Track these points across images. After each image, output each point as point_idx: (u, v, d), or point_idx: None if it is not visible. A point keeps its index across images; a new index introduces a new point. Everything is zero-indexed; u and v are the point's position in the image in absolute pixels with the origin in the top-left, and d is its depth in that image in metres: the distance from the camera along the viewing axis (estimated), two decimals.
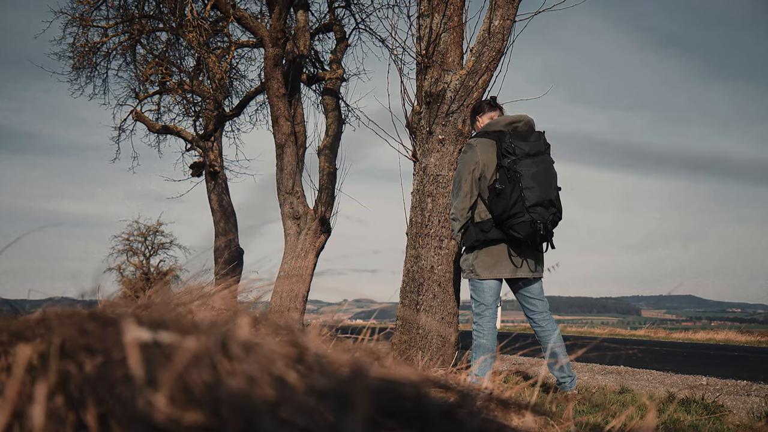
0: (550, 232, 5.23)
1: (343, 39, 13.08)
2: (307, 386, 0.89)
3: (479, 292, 5.41)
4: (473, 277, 5.39)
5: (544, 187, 5.19)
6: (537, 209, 5.14)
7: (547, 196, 5.18)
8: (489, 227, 5.33)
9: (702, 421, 4.22)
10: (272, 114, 10.66)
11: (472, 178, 5.39)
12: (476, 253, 5.38)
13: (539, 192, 5.16)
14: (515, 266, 5.30)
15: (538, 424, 1.72)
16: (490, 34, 5.94)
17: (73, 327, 1.01)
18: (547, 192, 5.19)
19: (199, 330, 0.93)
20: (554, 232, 5.38)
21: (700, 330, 23.41)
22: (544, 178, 5.22)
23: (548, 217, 5.16)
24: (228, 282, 1.96)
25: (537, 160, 5.26)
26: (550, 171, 5.31)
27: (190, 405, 0.82)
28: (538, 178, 5.20)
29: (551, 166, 5.34)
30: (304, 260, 10.43)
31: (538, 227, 5.10)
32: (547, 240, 5.31)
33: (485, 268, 5.33)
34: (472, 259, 5.39)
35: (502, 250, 5.33)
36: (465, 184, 5.42)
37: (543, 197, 5.16)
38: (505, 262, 5.31)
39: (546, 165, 5.29)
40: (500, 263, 5.31)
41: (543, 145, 5.35)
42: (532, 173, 5.19)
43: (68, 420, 0.91)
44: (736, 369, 8.42)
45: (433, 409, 0.93)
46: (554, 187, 5.28)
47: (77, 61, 14.65)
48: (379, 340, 2.52)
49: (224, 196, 16.35)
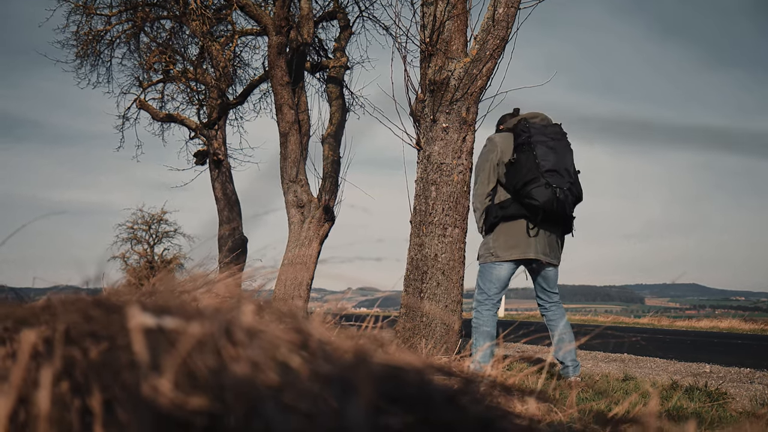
0: (568, 203, 5.23)
1: (346, 27, 13.04)
2: (310, 372, 0.89)
3: (486, 280, 5.44)
4: (491, 260, 5.40)
5: (559, 157, 5.25)
6: (553, 175, 5.17)
7: (562, 164, 5.23)
8: (508, 204, 5.35)
9: (705, 409, 4.23)
10: (276, 102, 10.65)
11: (490, 165, 5.44)
12: (496, 234, 5.40)
13: (554, 159, 5.21)
14: (531, 245, 5.31)
15: (542, 411, 1.72)
16: (495, 21, 5.93)
17: (78, 313, 1.02)
18: (562, 162, 5.24)
19: (203, 316, 0.93)
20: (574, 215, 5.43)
21: (704, 318, 23.41)
22: (559, 150, 5.28)
23: (565, 184, 5.18)
24: (232, 270, 1.97)
25: (552, 136, 5.33)
26: (566, 147, 5.36)
27: (194, 390, 0.83)
28: (553, 149, 5.26)
29: (567, 144, 5.39)
30: (308, 248, 10.44)
31: (556, 191, 5.11)
32: (567, 213, 5.30)
33: (504, 249, 5.35)
34: (492, 241, 5.43)
35: (521, 229, 5.34)
36: (483, 171, 5.48)
37: (558, 165, 5.20)
38: (525, 243, 5.31)
39: (561, 142, 5.35)
40: (520, 244, 5.32)
41: (560, 130, 5.41)
42: (546, 145, 5.26)
43: (73, 406, 0.91)
44: (740, 357, 8.42)
45: (437, 395, 0.93)
46: (570, 161, 5.32)
47: (81, 50, 14.63)
48: (383, 327, 2.52)
49: (228, 185, 16.34)
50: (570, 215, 5.35)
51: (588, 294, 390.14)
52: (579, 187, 5.34)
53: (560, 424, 1.77)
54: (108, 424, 0.87)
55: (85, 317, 1.01)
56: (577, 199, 5.33)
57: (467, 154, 6.01)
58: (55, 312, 1.06)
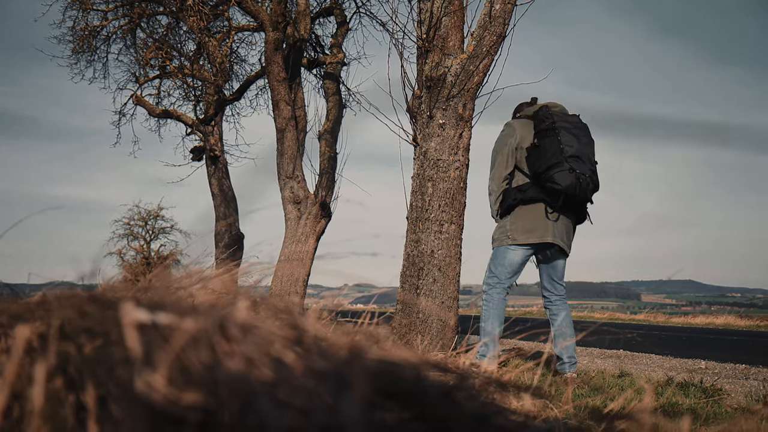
0: (589, 189, 5.26)
1: (343, 23, 13.02)
2: (305, 368, 0.89)
3: (498, 264, 5.49)
4: (506, 243, 5.43)
5: (582, 143, 5.30)
6: (576, 161, 5.21)
7: (585, 150, 5.28)
8: (527, 187, 5.39)
9: (700, 405, 4.24)
10: (273, 98, 10.64)
11: (508, 149, 5.49)
12: (513, 217, 5.43)
13: (577, 146, 5.25)
14: (549, 229, 5.35)
15: (538, 407, 1.73)
16: (491, 18, 5.92)
17: (73, 309, 1.02)
18: (585, 147, 5.29)
19: (197, 312, 0.93)
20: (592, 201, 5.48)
21: (700, 315, 23.46)
22: (581, 137, 5.33)
23: (587, 171, 5.22)
24: (228, 266, 1.96)
25: (574, 124, 5.38)
26: (588, 136, 5.41)
27: (188, 386, 0.82)
28: (576, 137, 5.30)
29: (589, 134, 5.44)
30: (304, 245, 10.44)
31: (579, 177, 5.15)
32: (587, 199, 5.36)
33: (522, 233, 5.38)
34: (509, 223, 5.45)
35: (539, 213, 5.37)
36: (501, 155, 5.52)
37: (581, 152, 5.25)
38: (543, 227, 5.35)
39: (584, 131, 5.40)
40: (538, 228, 5.35)
41: (580, 120, 5.48)
42: (571, 132, 5.30)
43: (68, 401, 0.91)
44: (735, 353, 8.44)
45: (432, 391, 0.93)
46: (592, 151, 5.37)
47: (77, 45, 14.60)
48: (379, 323, 2.52)
49: (224, 181, 16.33)
50: (587, 202, 5.41)
51: (584, 290, 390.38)
52: (597, 177, 5.38)
53: (556, 420, 1.77)
54: (102, 420, 0.87)
55: (80, 313, 1.01)
56: (595, 188, 5.38)
57: (464, 150, 6.00)
58: (49, 308, 1.06)
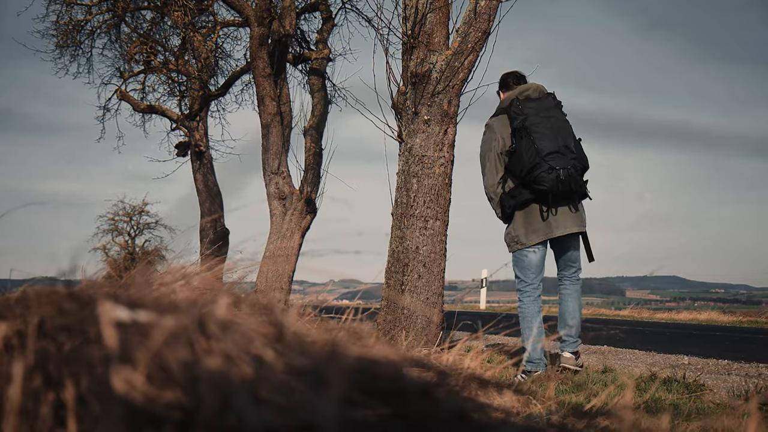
0: (574, 179, 5.30)
1: (329, 19, 12.98)
2: (284, 365, 0.89)
3: (522, 268, 5.58)
4: (518, 248, 5.52)
5: (556, 136, 5.32)
6: (554, 157, 5.25)
7: (562, 142, 5.31)
8: (518, 192, 5.44)
9: (683, 400, 4.27)
10: (258, 94, 10.61)
11: (494, 154, 5.53)
12: (515, 222, 5.52)
13: (552, 140, 5.29)
14: (552, 225, 5.41)
15: (521, 403, 1.73)
16: (476, 14, 5.93)
17: (52, 306, 1.01)
18: (560, 139, 5.32)
19: (177, 309, 0.93)
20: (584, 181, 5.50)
21: (684, 310, 23.54)
22: (555, 127, 5.36)
23: (568, 163, 5.27)
24: (212, 262, 1.96)
25: (546, 114, 5.40)
26: (562, 122, 5.44)
27: (167, 384, 0.82)
28: (549, 129, 5.33)
29: (562, 116, 5.48)
30: (289, 241, 10.43)
31: (559, 173, 5.19)
32: (575, 189, 5.37)
33: (528, 235, 5.46)
34: (513, 230, 5.54)
35: (537, 214, 5.44)
36: (489, 161, 5.58)
37: (557, 145, 5.28)
38: (545, 225, 5.42)
39: (556, 117, 5.43)
40: (541, 227, 5.43)
41: (552, 102, 5.51)
42: (542, 126, 5.33)
43: (47, 399, 0.91)
44: (718, 348, 8.48)
45: (411, 388, 0.93)
46: (569, 135, 5.41)
47: (60, 40, 14.48)
48: (363, 320, 2.53)
49: (210, 176, 16.26)
50: (578, 189, 5.42)
51: None
52: (583, 159, 5.44)
53: (538, 416, 1.78)
54: (82, 418, 0.87)
55: (59, 310, 1.01)
56: (584, 170, 5.46)
57: (449, 146, 6.01)
58: (29, 305, 1.05)
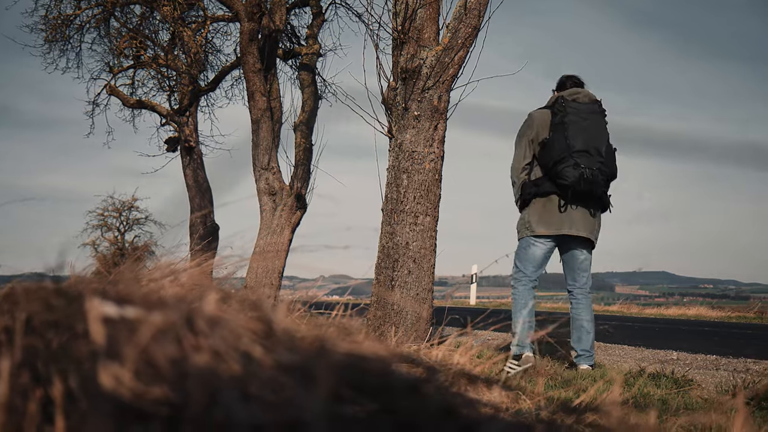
0: (598, 182, 5.39)
1: (319, 14, 12.95)
2: (273, 361, 0.89)
3: (522, 259, 5.68)
4: (527, 234, 5.62)
5: (590, 136, 5.43)
6: (582, 155, 5.35)
7: (593, 144, 5.40)
8: (542, 182, 5.55)
9: (671, 395, 4.29)
10: (248, 89, 10.59)
11: (526, 140, 5.65)
12: (531, 208, 5.62)
13: (584, 139, 5.39)
14: (564, 221, 5.50)
15: (510, 399, 1.74)
16: (467, 10, 5.93)
17: (40, 303, 1.01)
18: (592, 140, 5.42)
19: (165, 305, 0.93)
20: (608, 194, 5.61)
21: (673, 306, 23.61)
22: (590, 129, 5.46)
23: (594, 164, 5.36)
24: (202, 258, 1.96)
25: (586, 115, 5.51)
26: (599, 126, 5.54)
27: (155, 380, 0.82)
28: (585, 129, 5.44)
29: (602, 123, 5.57)
30: (279, 236, 10.41)
31: (584, 171, 5.29)
32: (597, 191, 5.46)
33: (540, 224, 5.55)
34: (527, 215, 5.64)
35: (554, 206, 5.52)
36: (519, 146, 5.69)
37: (588, 144, 5.38)
38: (558, 219, 5.51)
39: (595, 120, 5.53)
40: (554, 220, 5.52)
41: (597, 108, 5.60)
42: (579, 125, 5.44)
43: (34, 395, 0.91)
44: (707, 344, 8.52)
45: (399, 384, 0.94)
46: (603, 140, 5.49)
47: (49, 34, 14.42)
48: (353, 315, 2.53)
49: (199, 172, 16.22)
50: (601, 194, 5.52)
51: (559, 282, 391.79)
52: (611, 166, 5.51)
53: (527, 411, 1.78)
54: (70, 415, 0.87)
55: (47, 306, 1.00)
56: (609, 178, 5.53)
57: (439, 142, 6.01)
58: (16, 300, 1.05)
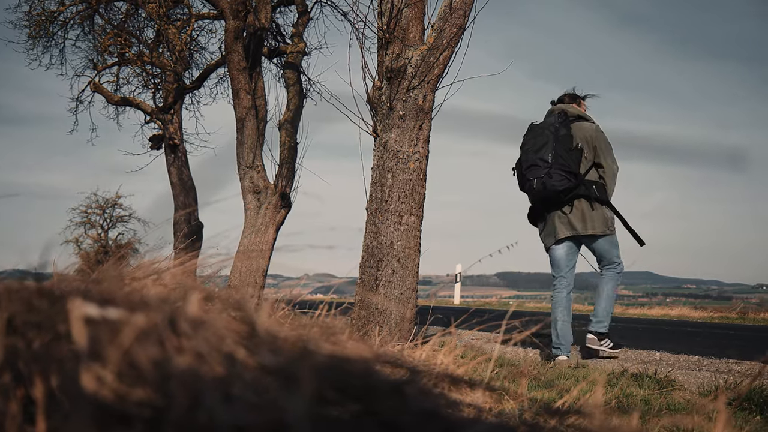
0: (550, 188, 5.76)
1: (304, 12, 12.94)
2: (256, 363, 0.89)
3: (551, 265, 6.25)
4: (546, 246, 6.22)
5: (532, 151, 5.86)
6: (531, 170, 5.83)
7: (538, 155, 5.82)
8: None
9: (654, 396, 4.31)
10: (233, 87, 10.57)
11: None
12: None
13: (528, 156, 5.89)
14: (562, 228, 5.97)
15: (493, 400, 1.74)
16: (452, 9, 5.94)
17: (21, 302, 1.00)
18: (535, 153, 5.83)
19: (148, 306, 0.93)
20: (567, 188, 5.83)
21: (656, 306, 23.74)
22: (533, 142, 5.90)
23: (541, 173, 5.76)
24: (185, 257, 1.95)
25: (539, 131, 5.94)
26: (548, 136, 5.86)
27: (137, 381, 0.82)
28: (529, 145, 5.93)
29: (547, 131, 5.90)
30: (264, 235, 10.40)
31: (532, 183, 5.80)
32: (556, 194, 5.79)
33: (544, 237, 6.17)
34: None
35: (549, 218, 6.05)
36: None
37: (534, 158, 5.83)
38: (551, 229, 6.07)
39: (540, 132, 5.93)
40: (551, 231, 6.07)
41: (554, 119, 5.98)
42: (527, 145, 5.96)
43: (16, 396, 0.90)
44: (689, 344, 8.56)
45: (381, 386, 0.94)
46: (548, 148, 5.81)
47: (33, 30, 14.34)
48: (337, 315, 2.53)
49: (184, 170, 16.18)
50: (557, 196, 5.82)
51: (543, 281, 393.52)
52: (564, 166, 5.78)
53: (510, 413, 1.79)
54: (51, 416, 0.86)
55: (29, 307, 1.00)
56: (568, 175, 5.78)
57: (423, 141, 6.02)
58: None
